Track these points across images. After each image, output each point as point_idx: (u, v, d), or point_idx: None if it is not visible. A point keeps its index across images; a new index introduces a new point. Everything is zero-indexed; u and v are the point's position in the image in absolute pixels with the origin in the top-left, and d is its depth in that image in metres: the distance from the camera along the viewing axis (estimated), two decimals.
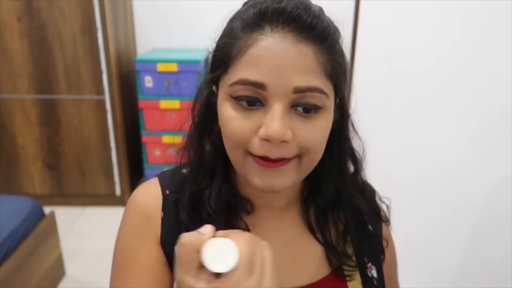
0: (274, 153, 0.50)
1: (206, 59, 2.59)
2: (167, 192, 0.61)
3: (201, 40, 2.73)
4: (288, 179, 0.53)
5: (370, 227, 0.67)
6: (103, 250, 2.23)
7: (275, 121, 0.49)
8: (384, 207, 0.72)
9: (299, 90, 0.49)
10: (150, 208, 0.60)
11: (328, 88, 0.51)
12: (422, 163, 1.52)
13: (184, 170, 0.63)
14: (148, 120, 2.63)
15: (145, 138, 2.67)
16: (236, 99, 0.51)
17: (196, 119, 0.62)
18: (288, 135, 0.50)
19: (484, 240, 1.53)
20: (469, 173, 1.48)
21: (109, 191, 2.78)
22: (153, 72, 2.52)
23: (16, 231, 1.74)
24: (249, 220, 0.61)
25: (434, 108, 1.46)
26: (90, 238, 2.48)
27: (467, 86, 1.40)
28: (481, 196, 1.49)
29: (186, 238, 0.41)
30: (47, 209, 2.04)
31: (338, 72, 0.53)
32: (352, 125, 0.64)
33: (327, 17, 0.54)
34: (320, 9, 0.54)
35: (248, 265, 0.40)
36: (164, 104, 2.56)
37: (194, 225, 0.56)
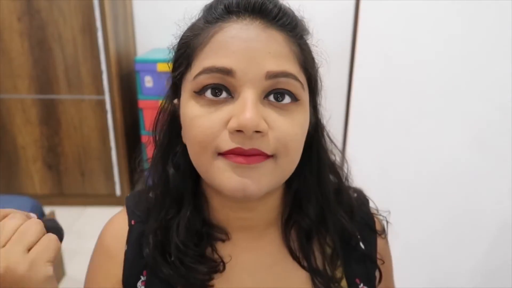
0: (247, 144, 0.44)
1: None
2: (133, 222, 0.58)
3: None
4: (263, 181, 0.46)
5: (362, 245, 0.61)
6: None
7: (247, 108, 0.43)
8: (380, 218, 0.65)
9: (272, 75, 0.45)
10: (113, 247, 0.58)
11: (302, 78, 0.48)
12: (422, 163, 1.52)
13: (151, 194, 0.58)
14: (148, 120, 2.62)
15: (145, 138, 2.67)
16: (200, 93, 0.46)
17: (158, 139, 0.57)
18: (263, 125, 0.44)
19: (484, 241, 1.53)
20: (470, 174, 1.48)
21: (109, 191, 2.78)
22: (153, 72, 2.52)
23: None
24: (224, 248, 0.56)
25: (434, 108, 1.46)
26: (90, 238, 2.45)
27: (467, 86, 1.40)
28: (481, 197, 1.49)
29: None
30: (47, 209, 2.04)
31: (312, 68, 0.50)
32: (329, 137, 0.59)
33: (297, 14, 0.52)
34: (289, 6, 0.51)
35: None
36: None
37: (156, 265, 0.53)
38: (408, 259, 1.40)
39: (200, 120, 0.46)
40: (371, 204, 0.66)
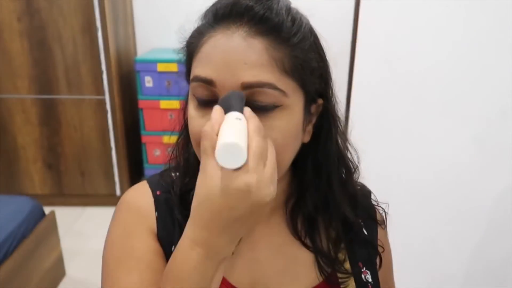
0: None
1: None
2: (158, 193, 0.60)
3: None
4: None
5: (364, 231, 0.65)
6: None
7: (211, 118, 0.44)
8: (380, 210, 0.69)
9: (247, 86, 0.46)
10: (143, 208, 0.59)
11: (285, 84, 0.48)
12: (422, 165, 1.52)
13: (172, 174, 0.62)
14: (148, 120, 2.63)
15: (145, 138, 2.67)
16: (196, 97, 0.51)
17: (184, 123, 0.61)
18: None
19: (485, 241, 1.53)
20: (470, 175, 1.48)
21: (109, 191, 2.78)
22: (153, 72, 2.52)
23: (16, 231, 1.74)
24: None
25: (434, 109, 1.46)
26: (90, 238, 2.47)
27: (468, 87, 1.40)
28: (482, 198, 1.49)
29: (205, 127, 0.43)
30: (47, 209, 2.04)
31: (303, 69, 0.50)
32: (342, 130, 0.60)
33: (299, 14, 0.52)
34: (286, 4, 0.51)
35: (254, 159, 0.41)
36: (164, 104, 2.56)
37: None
38: (408, 259, 1.41)
39: (193, 121, 0.51)
40: (372, 196, 0.69)
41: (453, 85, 1.42)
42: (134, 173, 2.87)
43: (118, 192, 2.77)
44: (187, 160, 0.60)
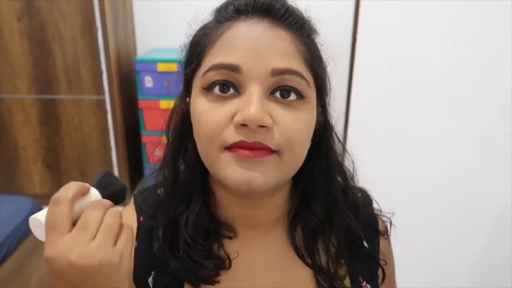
0: (251, 137, 0.45)
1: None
2: (141, 219, 0.58)
3: None
4: (268, 175, 0.47)
5: (365, 244, 0.62)
6: None
7: (252, 103, 0.45)
8: (384, 219, 0.67)
9: (277, 72, 0.46)
10: None
11: (308, 77, 0.49)
12: (422, 165, 1.52)
13: (159, 191, 0.60)
14: (148, 120, 2.63)
15: (145, 138, 2.67)
16: (209, 89, 0.48)
17: (171, 136, 0.59)
18: (267, 119, 0.45)
19: (485, 242, 1.53)
20: (471, 176, 1.48)
21: None
22: (153, 72, 2.52)
23: (16, 231, 1.74)
24: (231, 245, 0.57)
25: (434, 109, 1.46)
26: None
27: (468, 87, 1.40)
28: (483, 198, 1.49)
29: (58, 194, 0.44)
30: None
31: (319, 67, 0.51)
32: (337, 137, 0.59)
33: (306, 15, 0.53)
34: (296, 6, 0.52)
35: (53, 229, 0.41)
36: (164, 104, 2.55)
37: (166, 259, 0.54)
38: (409, 261, 1.41)
39: (208, 114, 0.48)
40: (374, 205, 0.67)
41: (453, 85, 1.42)
42: (134, 173, 2.87)
43: None
44: (176, 180, 0.56)
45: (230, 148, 0.47)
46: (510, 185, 1.43)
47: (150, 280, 0.56)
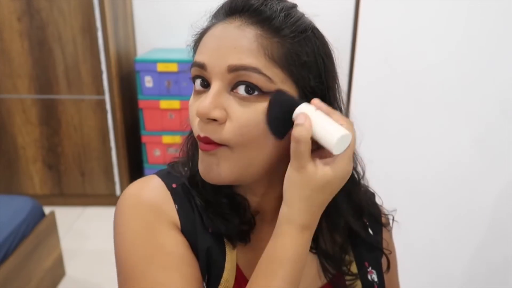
0: (203, 131, 0.51)
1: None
2: (174, 185, 0.59)
3: None
4: (222, 167, 0.51)
5: (370, 231, 0.66)
6: (103, 250, 2.23)
7: (206, 98, 0.50)
8: (385, 211, 0.70)
9: (233, 69, 0.49)
10: (160, 202, 0.56)
11: (272, 73, 0.49)
12: (422, 165, 1.52)
13: (180, 169, 0.61)
14: (148, 120, 2.63)
15: (145, 138, 2.67)
16: (194, 85, 0.54)
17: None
18: (217, 113, 0.49)
19: (485, 242, 1.53)
20: (471, 175, 1.48)
21: (109, 191, 2.78)
22: (153, 72, 2.52)
23: (16, 231, 1.74)
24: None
25: (434, 109, 1.46)
26: (90, 238, 2.47)
27: (468, 87, 1.40)
28: (483, 198, 1.49)
29: (298, 133, 0.46)
30: (47, 209, 2.04)
31: (293, 60, 0.50)
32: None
33: (299, 14, 0.54)
34: (285, 4, 0.53)
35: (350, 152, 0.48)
36: (164, 104, 2.56)
37: (208, 209, 0.56)
38: (409, 260, 1.41)
39: (190, 108, 0.54)
40: (377, 199, 0.70)
41: (453, 85, 1.42)
42: (134, 173, 2.87)
43: (118, 192, 2.77)
44: (194, 155, 0.61)
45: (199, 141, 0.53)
46: (510, 185, 1.43)
47: (198, 238, 0.57)
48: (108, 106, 2.59)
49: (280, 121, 0.50)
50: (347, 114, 1.54)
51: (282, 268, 0.48)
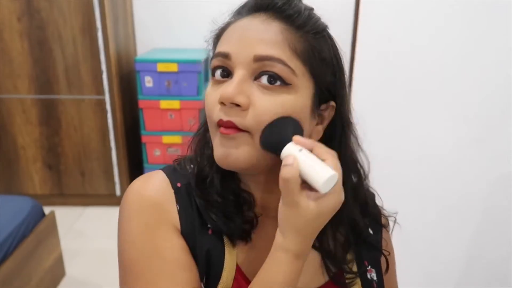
0: (225, 115, 0.52)
1: (206, 59, 2.59)
2: (179, 184, 0.59)
3: (202, 40, 2.73)
4: (241, 151, 0.52)
5: (370, 230, 0.67)
6: (103, 250, 2.23)
7: (231, 84, 0.51)
8: (390, 218, 0.71)
9: (258, 58, 0.51)
10: (163, 201, 0.57)
11: (295, 65, 0.52)
12: (422, 164, 1.52)
13: (187, 166, 0.62)
14: (148, 120, 2.63)
15: (145, 138, 2.67)
16: (213, 75, 0.55)
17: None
18: (241, 98, 0.50)
19: (484, 240, 1.53)
20: (470, 173, 1.48)
21: (109, 191, 2.78)
22: (153, 72, 2.52)
23: (16, 231, 1.74)
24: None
25: (434, 109, 1.46)
26: (90, 238, 2.47)
27: (467, 86, 1.40)
28: (481, 196, 1.49)
29: (287, 174, 0.47)
30: (47, 209, 2.04)
31: (314, 55, 0.53)
32: (355, 136, 0.62)
33: (318, 17, 0.57)
34: (306, 5, 0.56)
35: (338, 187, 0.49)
36: (164, 104, 2.56)
37: (211, 208, 0.57)
38: (408, 259, 1.41)
39: (208, 96, 0.55)
40: (377, 200, 0.71)
41: (453, 85, 1.42)
42: (134, 173, 2.87)
43: (118, 192, 2.77)
44: (203, 152, 0.62)
45: (218, 126, 0.53)
46: (510, 185, 1.43)
47: (196, 240, 0.57)
48: (108, 106, 2.59)
49: (272, 150, 0.52)
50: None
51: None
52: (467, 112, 1.43)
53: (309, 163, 0.48)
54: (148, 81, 2.55)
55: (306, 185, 0.48)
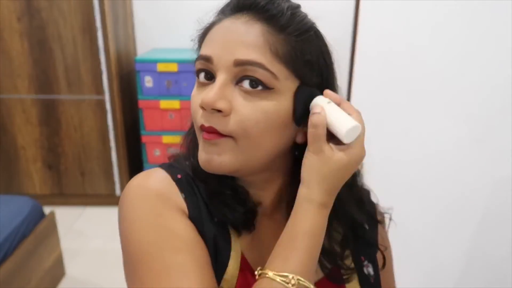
0: (207, 121, 0.52)
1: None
2: (179, 176, 0.59)
3: None
4: (223, 157, 0.52)
5: (366, 226, 0.67)
6: (103, 250, 2.23)
7: (212, 89, 0.51)
8: (380, 209, 0.71)
9: (239, 63, 0.50)
10: (167, 192, 0.56)
11: (277, 69, 0.51)
12: (421, 164, 1.52)
13: (183, 163, 0.62)
14: (148, 120, 2.63)
15: (145, 138, 2.67)
16: (198, 77, 0.55)
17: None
18: (221, 104, 0.50)
19: (484, 240, 1.53)
20: (470, 173, 1.48)
21: (109, 191, 2.78)
22: (153, 72, 2.52)
23: (16, 231, 1.74)
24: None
25: (434, 108, 1.46)
26: (90, 238, 2.47)
27: (467, 86, 1.41)
28: (481, 196, 1.49)
29: (316, 120, 0.50)
30: (47, 209, 2.04)
31: (297, 58, 0.52)
32: None
33: (304, 14, 0.55)
34: (291, 4, 0.55)
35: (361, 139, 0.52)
36: (164, 104, 2.56)
37: (213, 198, 0.57)
38: (408, 258, 1.41)
39: (193, 99, 0.55)
40: (373, 197, 0.71)
41: (453, 85, 1.42)
42: (134, 173, 2.85)
43: (118, 192, 2.77)
44: (196, 152, 0.61)
45: (202, 131, 0.53)
46: (510, 185, 1.44)
47: (204, 227, 0.57)
48: (108, 106, 2.59)
49: (302, 110, 0.53)
50: None
51: (301, 241, 0.50)
52: (467, 112, 1.43)
53: (335, 114, 0.51)
54: (148, 81, 2.55)
55: (332, 139, 0.51)
